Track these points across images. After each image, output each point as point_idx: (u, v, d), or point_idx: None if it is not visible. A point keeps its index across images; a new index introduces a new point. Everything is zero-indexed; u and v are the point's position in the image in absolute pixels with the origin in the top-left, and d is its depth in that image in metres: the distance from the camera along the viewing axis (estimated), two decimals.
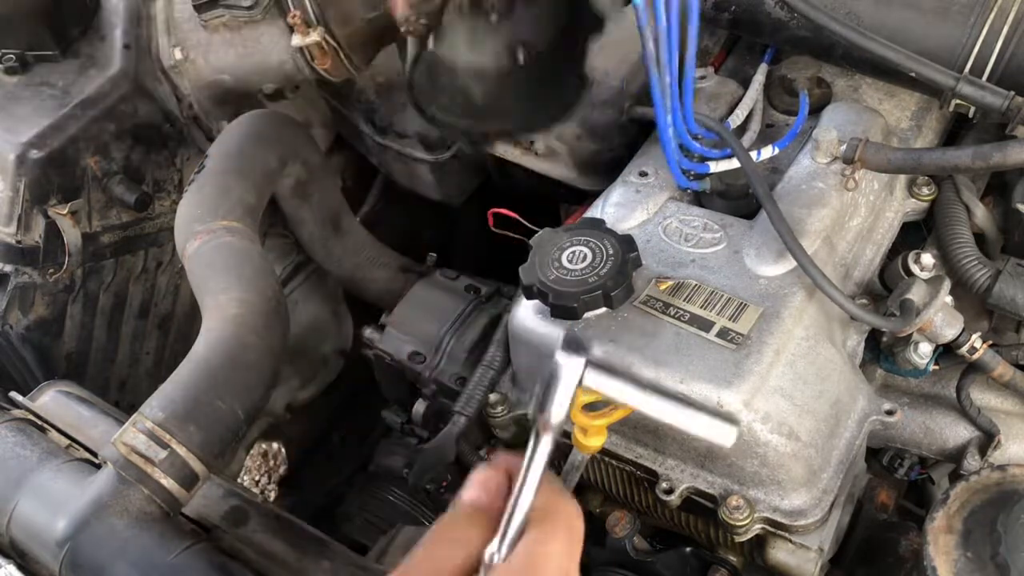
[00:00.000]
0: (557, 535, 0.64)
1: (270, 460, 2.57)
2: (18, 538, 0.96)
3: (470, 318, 1.33)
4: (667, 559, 1.06)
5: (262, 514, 1.01)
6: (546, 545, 0.63)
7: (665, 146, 1.10)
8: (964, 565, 0.88)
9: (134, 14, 1.49)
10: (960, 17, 1.08)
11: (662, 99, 1.06)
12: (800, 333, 0.98)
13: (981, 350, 1.04)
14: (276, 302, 1.12)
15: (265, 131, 1.36)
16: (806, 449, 0.95)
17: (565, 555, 0.63)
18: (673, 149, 1.11)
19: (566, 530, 0.64)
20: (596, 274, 0.97)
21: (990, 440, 1.10)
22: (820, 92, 1.24)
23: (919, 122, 1.22)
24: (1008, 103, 1.04)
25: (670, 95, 1.06)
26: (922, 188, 1.18)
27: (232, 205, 1.23)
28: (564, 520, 0.65)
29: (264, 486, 2.52)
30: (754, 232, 1.06)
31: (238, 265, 1.15)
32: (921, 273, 1.07)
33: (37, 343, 1.45)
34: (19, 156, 1.34)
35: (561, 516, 0.65)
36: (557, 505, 0.65)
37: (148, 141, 1.51)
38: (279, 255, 1.78)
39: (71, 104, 1.41)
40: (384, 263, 1.57)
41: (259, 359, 1.05)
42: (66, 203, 1.40)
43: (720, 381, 0.93)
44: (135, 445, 0.93)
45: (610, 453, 1.04)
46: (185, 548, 0.90)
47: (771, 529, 0.98)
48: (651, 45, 1.01)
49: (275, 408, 1.86)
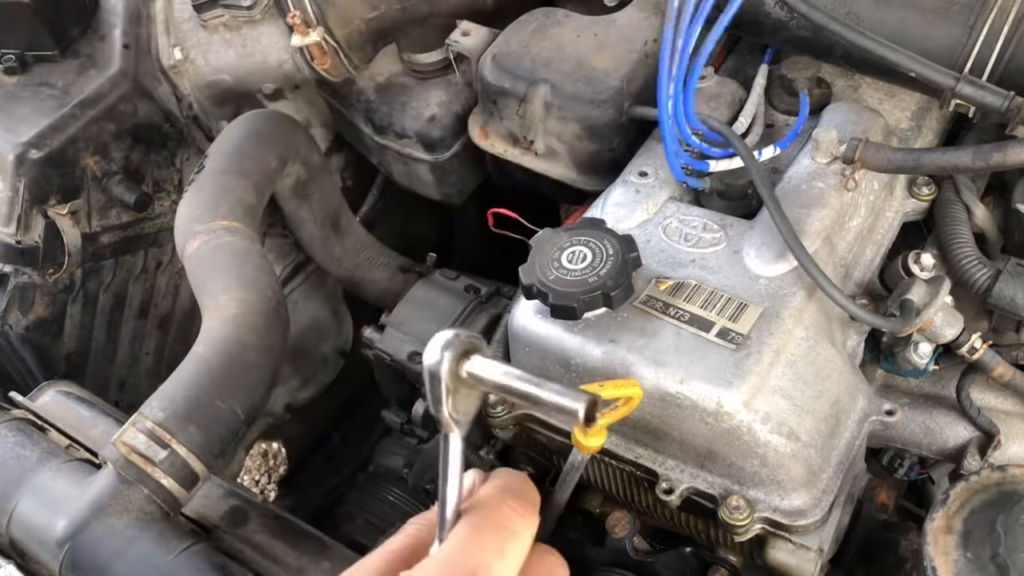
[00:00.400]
0: (482, 530, 0.65)
1: (270, 460, 2.57)
2: (18, 538, 0.96)
3: (470, 318, 1.33)
4: (667, 559, 1.06)
5: (262, 514, 1.01)
6: (467, 542, 0.64)
7: (664, 134, 1.10)
8: (964, 565, 0.88)
9: (134, 14, 1.49)
10: (960, 17, 1.08)
11: (667, 86, 1.07)
12: (800, 333, 0.98)
13: (981, 350, 1.04)
14: (276, 302, 1.12)
15: (265, 131, 1.36)
16: (806, 449, 0.95)
17: (490, 551, 0.64)
18: (672, 139, 1.11)
19: (494, 528, 0.65)
20: (596, 274, 0.97)
21: (990, 440, 1.10)
22: (820, 92, 1.24)
23: (919, 122, 1.22)
24: (1008, 103, 1.04)
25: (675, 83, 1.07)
26: (922, 188, 1.18)
27: (232, 205, 1.23)
28: (491, 517, 0.66)
29: (264, 486, 2.52)
30: (754, 232, 1.06)
31: (238, 265, 1.15)
32: (921, 273, 1.07)
33: (37, 343, 1.45)
34: (19, 156, 1.34)
35: (487, 512, 0.66)
36: (490, 503, 0.67)
37: (148, 141, 1.51)
38: (279, 255, 1.78)
39: (71, 104, 1.41)
40: (384, 263, 1.57)
41: (259, 359, 1.05)
42: (66, 203, 1.40)
43: (720, 381, 0.93)
44: (135, 445, 0.93)
45: (610, 453, 1.04)
46: (185, 548, 0.90)
47: (771, 529, 0.98)
48: (671, 30, 1.03)
49: (275, 408, 1.86)
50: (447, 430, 0.64)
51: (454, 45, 1.43)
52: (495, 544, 0.65)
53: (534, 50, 1.33)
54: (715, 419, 0.93)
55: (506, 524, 0.66)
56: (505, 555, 0.65)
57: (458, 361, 0.63)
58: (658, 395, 0.95)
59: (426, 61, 1.51)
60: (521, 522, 0.66)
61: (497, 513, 0.66)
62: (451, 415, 0.63)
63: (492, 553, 0.64)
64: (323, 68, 1.45)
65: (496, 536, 0.65)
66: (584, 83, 1.28)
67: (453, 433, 0.65)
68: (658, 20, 1.34)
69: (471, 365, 0.63)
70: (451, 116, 1.48)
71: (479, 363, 0.63)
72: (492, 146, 1.40)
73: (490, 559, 0.64)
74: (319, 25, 1.39)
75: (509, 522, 0.66)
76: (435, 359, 0.62)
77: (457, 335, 0.62)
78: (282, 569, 0.96)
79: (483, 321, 1.33)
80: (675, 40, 1.05)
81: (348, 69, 1.47)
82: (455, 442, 0.65)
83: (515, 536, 0.66)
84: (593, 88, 1.27)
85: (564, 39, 1.34)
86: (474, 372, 0.63)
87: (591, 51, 1.32)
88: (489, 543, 0.65)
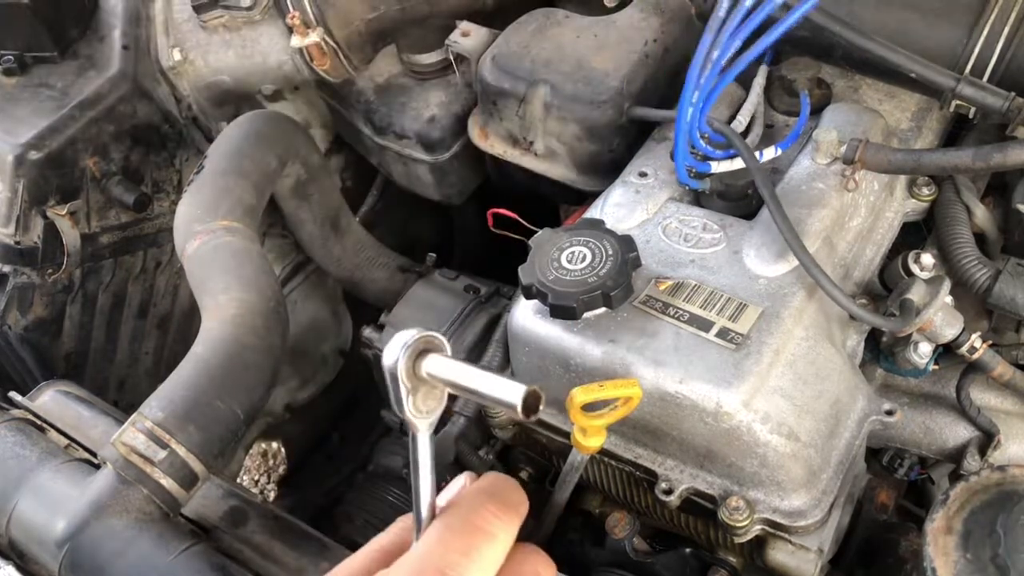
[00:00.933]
0: (454, 531, 0.66)
1: (270, 460, 2.57)
2: (17, 538, 0.96)
3: (469, 318, 1.33)
4: (667, 560, 1.06)
5: (261, 514, 1.01)
6: (439, 542, 0.65)
7: (678, 139, 1.10)
8: (964, 566, 0.88)
9: (133, 15, 1.49)
10: (961, 18, 1.08)
11: (692, 93, 1.06)
12: (800, 333, 0.98)
13: (981, 350, 1.04)
14: (276, 302, 1.12)
15: (264, 131, 1.36)
16: (806, 449, 0.95)
17: (460, 552, 0.64)
18: (684, 144, 1.11)
19: (468, 530, 0.66)
20: (595, 274, 0.97)
21: (990, 440, 1.10)
22: (820, 93, 1.24)
23: (919, 123, 1.22)
24: (1008, 104, 1.04)
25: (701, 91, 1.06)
26: (922, 188, 1.18)
27: (231, 205, 1.23)
28: (466, 518, 0.67)
29: (264, 486, 2.52)
30: (754, 232, 1.06)
31: (237, 265, 1.14)
32: (921, 273, 1.07)
33: (36, 343, 1.45)
34: (18, 157, 1.34)
35: (462, 513, 0.67)
36: (467, 504, 0.68)
37: (147, 142, 1.51)
38: (279, 255, 1.78)
39: (70, 105, 1.41)
40: (383, 263, 1.57)
41: (259, 359, 1.05)
42: (65, 204, 1.40)
43: (720, 381, 0.93)
44: (134, 445, 0.93)
45: (609, 453, 1.04)
46: (184, 549, 0.90)
47: (771, 530, 0.98)
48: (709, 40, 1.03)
49: (275, 408, 1.86)
50: (412, 429, 0.66)
51: (454, 46, 1.43)
52: (466, 545, 0.65)
53: (534, 51, 1.33)
54: (715, 419, 0.93)
55: (481, 525, 0.66)
56: (476, 557, 0.65)
57: (415, 360, 0.64)
58: (658, 395, 0.95)
59: (426, 62, 1.51)
60: (498, 524, 0.67)
61: (472, 515, 0.67)
62: (413, 414, 0.65)
63: (461, 554, 0.64)
64: (323, 69, 1.45)
65: (469, 538, 0.66)
66: (584, 84, 1.28)
67: (419, 432, 0.66)
68: (658, 20, 1.34)
69: (428, 364, 0.64)
70: (451, 117, 1.48)
71: (434, 361, 0.64)
72: (492, 147, 1.40)
73: (460, 559, 0.64)
74: (318, 26, 1.39)
75: (485, 523, 0.66)
76: (393, 359, 0.63)
77: (414, 335, 0.64)
78: (281, 570, 0.96)
79: (483, 321, 1.33)
80: (711, 51, 1.04)
81: (348, 70, 1.47)
82: (423, 440, 0.66)
83: (490, 538, 0.66)
84: (593, 89, 1.27)
85: (564, 40, 1.34)
86: (430, 371, 0.65)
87: (591, 52, 1.32)
88: (460, 544, 0.65)
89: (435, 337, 0.65)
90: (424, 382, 0.65)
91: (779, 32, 1.02)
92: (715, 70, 1.05)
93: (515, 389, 0.62)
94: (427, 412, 0.66)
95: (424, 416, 0.66)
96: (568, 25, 1.37)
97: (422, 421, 0.66)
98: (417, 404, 0.65)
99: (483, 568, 0.65)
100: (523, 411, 0.63)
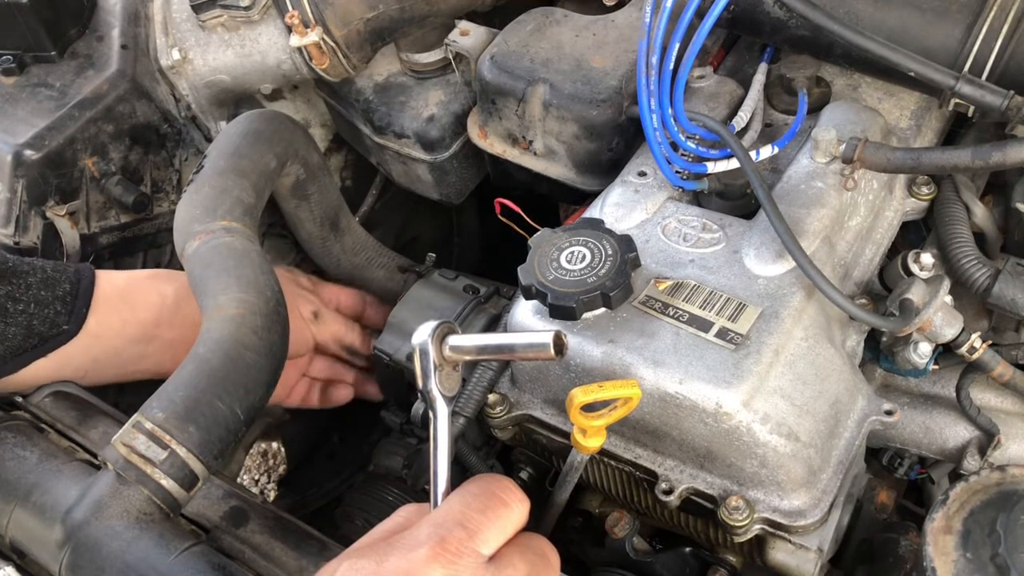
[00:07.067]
0: (475, 495, 0.73)
1: (270, 459, 2.57)
2: (17, 539, 0.96)
3: (469, 318, 1.33)
4: (666, 559, 1.06)
5: (262, 515, 1.01)
6: (459, 503, 0.72)
7: (651, 145, 1.11)
8: (964, 566, 0.88)
9: (131, 14, 1.49)
10: (959, 16, 1.08)
11: (647, 99, 1.08)
12: (799, 333, 0.98)
13: (981, 350, 1.04)
14: (276, 302, 1.11)
15: (263, 131, 1.35)
16: (805, 449, 0.95)
17: (479, 511, 0.71)
18: (660, 148, 1.11)
19: (487, 495, 0.73)
20: (595, 274, 0.97)
21: (990, 440, 1.10)
22: (819, 91, 1.24)
23: (918, 121, 1.22)
24: (1007, 102, 1.04)
25: (656, 94, 1.08)
26: (921, 187, 1.18)
27: (231, 205, 1.23)
28: (485, 486, 0.74)
29: (264, 486, 2.53)
30: (753, 232, 1.06)
31: (237, 265, 1.14)
32: (921, 273, 1.07)
33: None
34: (16, 157, 1.34)
35: (482, 482, 0.75)
36: (484, 478, 0.76)
37: (146, 142, 1.51)
38: (278, 255, 1.77)
39: (68, 105, 1.40)
40: (383, 263, 1.57)
41: (259, 359, 1.05)
42: (64, 204, 1.40)
43: (719, 381, 0.93)
44: (135, 446, 0.93)
45: (609, 454, 1.04)
46: (185, 549, 0.90)
47: (770, 530, 0.98)
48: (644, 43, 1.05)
49: (275, 408, 1.86)
50: (434, 404, 0.77)
51: (453, 45, 1.43)
52: (484, 505, 0.72)
53: (533, 50, 1.33)
54: (714, 419, 0.93)
55: (497, 494, 0.72)
56: (493, 516, 0.70)
57: (441, 340, 0.78)
58: (657, 395, 0.95)
59: (425, 61, 1.51)
60: (513, 495, 0.74)
61: (490, 484, 0.75)
62: (439, 388, 0.77)
63: (479, 512, 0.70)
64: (321, 68, 1.44)
65: (487, 500, 0.72)
66: (583, 83, 1.28)
67: (440, 408, 0.77)
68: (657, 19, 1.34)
69: (451, 341, 0.78)
70: (450, 116, 1.48)
71: (457, 338, 0.79)
72: (491, 146, 1.40)
73: (478, 517, 0.69)
74: (317, 25, 1.39)
75: (501, 492, 0.73)
76: (423, 339, 0.77)
77: (439, 321, 0.78)
78: (282, 570, 0.96)
79: (482, 321, 1.33)
80: (648, 56, 1.06)
81: (347, 69, 1.47)
82: (443, 414, 0.78)
83: (506, 505, 0.73)
84: (592, 88, 1.27)
85: (563, 39, 1.34)
86: (455, 345, 0.78)
87: (590, 51, 1.32)
88: (479, 504, 0.72)
89: (453, 324, 0.80)
90: (447, 362, 0.78)
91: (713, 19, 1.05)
92: (666, 73, 1.07)
93: (542, 335, 0.77)
94: (448, 390, 0.78)
95: (446, 392, 0.78)
96: (567, 24, 1.37)
97: (443, 398, 0.77)
98: (441, 380, 0.77)
99: (499, 528, 0.71)
100: (555, 350, 0.76)
